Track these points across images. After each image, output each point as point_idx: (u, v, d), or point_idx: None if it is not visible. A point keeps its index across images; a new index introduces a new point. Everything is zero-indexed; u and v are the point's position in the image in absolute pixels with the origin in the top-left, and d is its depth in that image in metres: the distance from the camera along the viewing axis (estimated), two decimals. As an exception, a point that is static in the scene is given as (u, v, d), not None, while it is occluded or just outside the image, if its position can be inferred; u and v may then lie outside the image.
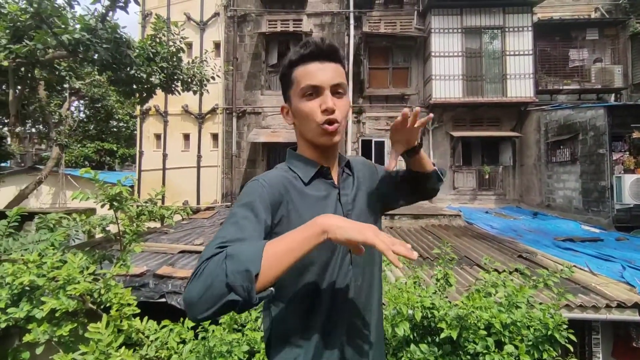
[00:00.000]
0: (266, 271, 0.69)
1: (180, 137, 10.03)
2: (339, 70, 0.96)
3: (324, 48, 0.94)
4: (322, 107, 0.92)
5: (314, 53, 0.93)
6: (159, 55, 5.42)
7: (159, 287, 4.05)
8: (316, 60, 0.94)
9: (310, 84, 0.93)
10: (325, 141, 0.96)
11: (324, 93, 0.93)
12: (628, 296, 3.59)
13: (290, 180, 0.97)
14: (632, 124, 6.96)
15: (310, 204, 0.95)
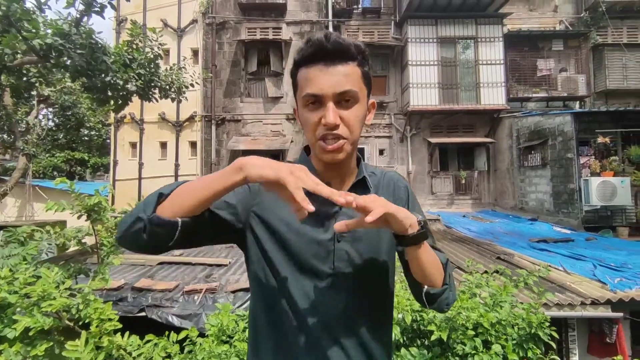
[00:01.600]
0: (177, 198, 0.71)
1: (157, 145, 9.79)
2: (349, 73, 0.79)
3: (328, 47, 0.77)
4: (322, 121, 0.78)
5: (316, 54, 0.77)
6: (136, 62, 5.30)
7: (137, 300, 3.91)
8: (320, 62, 0.77)
9: (310, 92, 0.78)
10: (326, 159, 0.83)
11: (326, 104, 0.78)
12: (601, 293, 3.75)
13: None
14: (596, 130, 7.35)
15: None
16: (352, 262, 0.84)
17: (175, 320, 3.66)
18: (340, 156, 0.82)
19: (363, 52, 0.82)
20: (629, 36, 9.97)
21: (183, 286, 4.24)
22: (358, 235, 0.86)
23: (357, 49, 0.81)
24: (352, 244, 0.85)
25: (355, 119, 0.81)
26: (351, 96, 0.79)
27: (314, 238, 0.84)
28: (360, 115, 0.82)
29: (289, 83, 5.15)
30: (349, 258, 0.84)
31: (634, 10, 9.89)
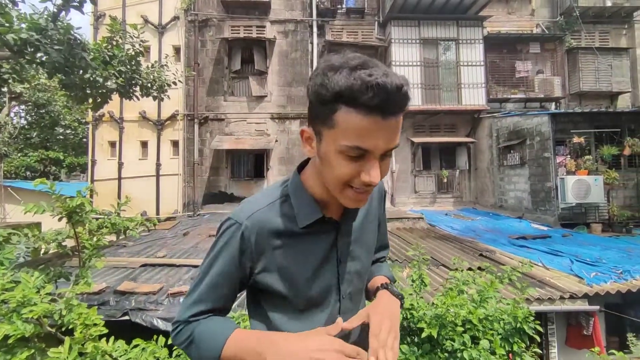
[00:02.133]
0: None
1: (138, 144, 9.55)
2: (398, 126, 0.68)
3: (397, 100, 0.64)
4: (363, 177, 0.69)
5: (380, 105, 0.63)
6: (117, 59, 5.15)
7: (120, 304, 3.81)
8: (379, 114, 0.64)
9: (360, 146, 0.66)
10: (349, 205, 0.76)
11: (371, 160, 0.68)
12: (578, 287, 3.90)
13: (282, 221, 0.80)
14: (571, 130, 7.63)
15: (299, 253, 0.81)
16: (353, 281, 0.90)
17: (161, 324, 3.58)
18: (363, 204, 0.79)
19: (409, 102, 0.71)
20: (600, 40, 10.39)
21: (168, 288, 4.15)
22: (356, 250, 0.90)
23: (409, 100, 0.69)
24: (352, 261, 0.89)
25: (386, 169, 0.74)
26: (390, 151, 0.71)
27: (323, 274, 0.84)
28: (389, 165, 0.76)
29: (274, 82, 5.23)
30: (351, 279, 0.89)
31: (605, 16, 10.31)
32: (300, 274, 0.81)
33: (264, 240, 0.79)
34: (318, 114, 0.71)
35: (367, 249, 0.93)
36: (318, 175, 0.80)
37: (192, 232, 7.43)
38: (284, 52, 9.82)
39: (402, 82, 0.65)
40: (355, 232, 0.89)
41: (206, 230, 7.60)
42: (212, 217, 8.93)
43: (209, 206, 9.50)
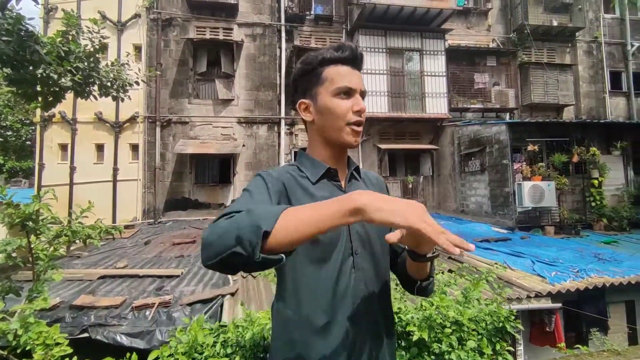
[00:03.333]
0: (280, 232, 0.67)
1: (92, 147, 8.93)
2: (361, 78, 1.01)
3: (357, 55, 0.99)
4: (354, 108, 0.96)
5: (349, 58, 0.97)
6: (73, 54, 4.77)
7: (78, 320, 3.50)
8: (349, 65, 0.98)
9: (347, 85, 0.95)
10: (350, 140, 0.98)
11: (356, 96, 0.97)
12: (542, 286, 4.12)
13: (297, 178, 0.97)
14: (526, 139, 8.14)
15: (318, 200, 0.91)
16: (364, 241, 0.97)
17: (125, 340, 3.32)
18: (359, 139, 1.00)
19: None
20: (548, 57, 11.25)
21: (131, 301, 3.87)
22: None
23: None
24: (361, 224, 0.96)
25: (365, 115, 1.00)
26: (364, 94, 1.00)
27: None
28: None
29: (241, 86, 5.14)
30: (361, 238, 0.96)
31: (552, 35, 11.19)
32: None
33: (291, 186, 0.95)
34: (311, 80, 0.99)
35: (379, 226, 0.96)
36: (320, 140, 1.02)
37: (154, 241, 7.02)
38: (251, 55, 9.66)
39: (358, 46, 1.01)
40: None
41: (169, 238, 7.22)
42: (175, 225, 8.51)
43: (171, 213, 9.05)
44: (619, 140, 8.74)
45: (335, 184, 1.00)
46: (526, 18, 10.70)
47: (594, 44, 11.58)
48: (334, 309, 0.90)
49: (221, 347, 2.12)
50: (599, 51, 11.56)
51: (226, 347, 2.13)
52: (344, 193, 0.97)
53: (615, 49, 11.73)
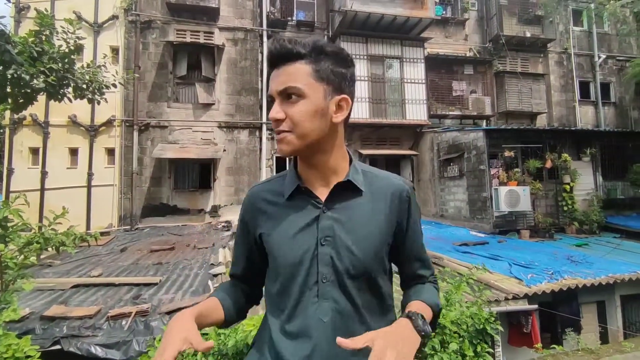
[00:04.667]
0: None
1: (66, 152, 8.60)
2: (293, 72, 0.83)
3: (274, 53, 0.86)
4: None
5: (270, 60, 0.88)
6: (47, 55, 4.61)
7: (49, 331, 3.34)
8: (274, 67, 0.87)
9: (268, 93, 0.88)
10: (278, 151, 0.89)
11: (275, 102, 0.86)
12: (519, 289, 4.23)
13: (274, 194, 0.95)
14: (503, 145, 8.40)
15: (283, 222, 0.90)
16: (335, 265, 0.85)
17: (100, 351, 3.19)
18: (285, 148, 0.86)
19: (316, 48, 0.85)
20: (522, 66, 11.68)
21: (107, 311, 3.72)
22: (344, 233, 0.87)
23: (305, 47, 0.84)
24: (336, 245, 0.86)
25: (299, 114, 0.83)
26: (293, 92, 0.83)
27: (299, 244, 0.88)
28: (306, 110, 0.83)
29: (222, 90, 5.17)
30: (333, 262, 0.85)
31: (526, 45, 11.64)
32: (282, 238, 0.89)
33: (259, 206, 0.95)
34: None
35: (363, 245, 0.87)
36: None
37: (130, 248, 6.81)
38: (233, 60, 9.60)
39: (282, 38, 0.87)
40: (346, 221, 0.88)
41: (147, 245, 7.02)
42: (153, 231, 8.29)
43: (149, 219, 8.81)
44: (588, 146, 9.15)
45: (311, 200, 0.90)
46: (501, 29, 11.10)
47: (564, 55, 12.12)
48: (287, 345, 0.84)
49: (202, 356, 2.06)
50: (569, 62, 12.10)
51: (208, 356, 2.08)
52: (321, 210, 0.89)
53: (584, 60, 12.32)
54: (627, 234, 8.27)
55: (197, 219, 9.03)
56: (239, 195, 9.39)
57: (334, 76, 0.86)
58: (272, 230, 0.91)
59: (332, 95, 0.86)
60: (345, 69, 0.89)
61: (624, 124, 12.33)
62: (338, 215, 0.88)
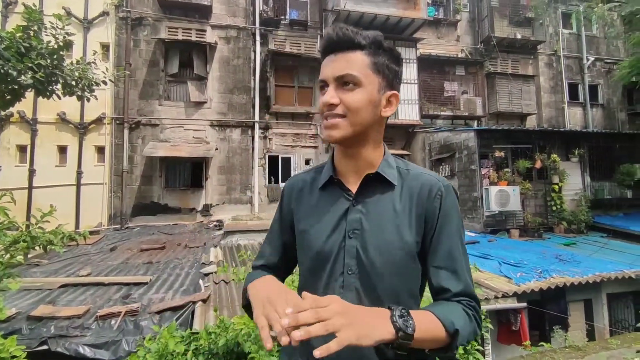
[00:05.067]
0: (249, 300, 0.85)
1: (54, 149, 8.47)
2: (352, 60, 0.85)
3: (334, 39, 0.86)
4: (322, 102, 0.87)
5: (328, 46, 0.88)
6: (35, 51, 4.53)
7: (36, 331, 3.30)
8: (331, 53, 0.88)
9: (319, 79, 0.89)
10: (325, 136, 0.89)
11: (328, 87, 0.86)
12: (509, 287, 4.28)
13: (310, 184, 1.00)
14: (493, 145, 8.49)
15: (315, 213, 0.93)
16: (361, 259, 0.85)
17: (88, 351, 3.16)
18: (335, 133, 0.86)
19: (375, 42, 0.87)
20: (512, 68, 11.82)
21: (95, 310, 3.69)
22: (371, 227, 0.86)
23: (366, 38, 0.86)
24: (363, 239, 0.86)
25: (355, 102, 0.84)
26: (351, 80, 0.84)
27: (328, 235, 0.89)
28: (361, 99, 0.85)
29: (214, 88, 5.20)
30: (358, 255, 0.85)
31: (516, 47, 11.78)
32: (313, 228, 0.92)
33: (295, 196, 1.00)
34: None
35: (388, 240, 0.85)
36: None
37: (120, 247, 6.75)
38: (225, 58, 9.54)
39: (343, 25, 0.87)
40: (374, 215, 0.87)
41: (137, 244, 6.96)
42: (144, 230, 8.21)
43: (139, 218, 8.72)
44: (576, 147, 9.29)
45: (343, 191, 0.91)
46: (492, 30, 11.21)
47: (554, 57, 12.29)
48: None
49: (193, 355, 2.05)
50: (559, 64, 12.27)
51: (198, 355, 2.07)
52: (351, 203, 0.89)
53: (573, 62, 12.51)
54: (613, 233, 8.43)
55: (188, 218, 8.96)
56: (230, 195, 9.35)
57: (389, 71, 0.89)
58: (304, 220, 0.94)
59: (385, 90, 0.89)
60: (397, 66, 0.92)
61: (611, 125, 12.55)
62: (367, 209, 0.88)
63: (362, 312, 0.69)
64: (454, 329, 0.74)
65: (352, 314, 0.66)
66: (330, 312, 0.64)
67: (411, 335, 0.68)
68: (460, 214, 0.91)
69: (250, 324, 1.93)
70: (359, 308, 0.70)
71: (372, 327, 0.66)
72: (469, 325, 0.79)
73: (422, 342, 0.71)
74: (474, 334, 0.80)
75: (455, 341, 0.74)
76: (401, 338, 0.67)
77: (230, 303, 3.88)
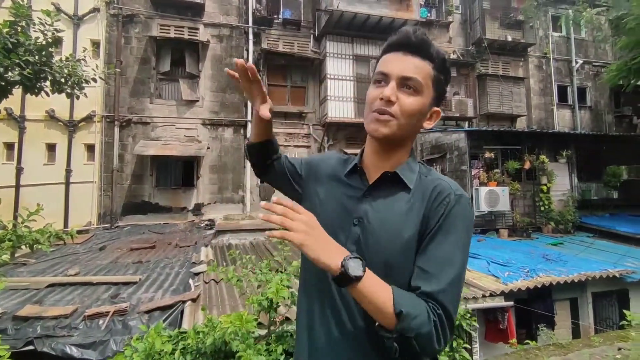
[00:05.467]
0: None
1: (43, 147, 8.35)
2: (421, 66, 0.87)
3: (412, 39, 0.88)
4: (379, 95, 0.87)
5: (400, 42, 0.89)
6: (23, 47, 4.47)
7: (22, 331, 3.26)
8: (400, 51, 0.89)
9: (380, 70, 0.90)
10: (371, 129, 0.91)
11: (389, 83, 0.87)
12: (496, 286, 4.34)
13: (339, 167, 1.03)
14: (484, 146, 8.60)
15: (335, 194, 0.98)
16: (361, 246, 0.88)
17: (75, 351, 3.13)
18: (384, 130, 0.88)
19: (442, 60, 0.91)
20: (503, 70, 11.96)
21: (83, 310, 3.66)
22: (375, 220, 0.89)
23: (437, 54, 0.90)
24: (364, 228, 0.89)
25: (411, 106, 0.87)
26: (414, 85, 0.87)
27: (339, 217, 0.93)
28: (417, 106, 0.88)
29: (206, 87, 5.21)
30: (359, 243, 0.88)
31: (507, 49, 11.92)
32: (327, 209, 0.96)
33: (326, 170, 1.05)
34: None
35: (390, 236, 0.86)
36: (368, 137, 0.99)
37: (110, 246, 6.69)
38: (218, 56, 9.50)
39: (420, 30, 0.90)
40: (382, 210, 0.90)
41: (127, 243, 6.91)
42: (134, 229, 8.15)
43: (129, 217, 8.65)
44: (564, 149, 9.45)
45: (362, 183, 0.96)
46: (484, 32, 11.32)
47: (544, 59, 12.47)
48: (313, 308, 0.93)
49: (180, 354, 2.05)
50: (548, 66, 12.45)
51: (186, 355, 2.07)
52: (363, 193, 0.93)
53: (562, 65, 12.70)
54: (600, 233, 8.59)
55: (179, 217, 8.91)
56: (222, 194, 9.31)
57: (441, 90, 0.94)
58: (322, 197, 1.00)
59: (432, 104, 0.93)
60: (447, 87, 0.97)
61: (598, 127, 12.77)
62: (376, 202, 0.91)
63: (326, 237, 0.79)
64: (399, 309, 0.73)
65: (317, 231, 0.78)
66: (298, 218, 0.77)
67: (351, 276, 0.73)
68: (469, 229, 0.88)
69: (237, 322, 1.94)
70: (326, 235, 0.79)
71: (324, 250, 0.76)
72: (424, 322, 0.74)
73: (364, 298, 0.76)
74: (429, 337, 0.74)
75: (399, 324, 0.73)
76: (341, 274, 0.73)
77: (220, 302, 3.88)
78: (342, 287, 0.79)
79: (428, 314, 0.75)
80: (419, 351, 0.75)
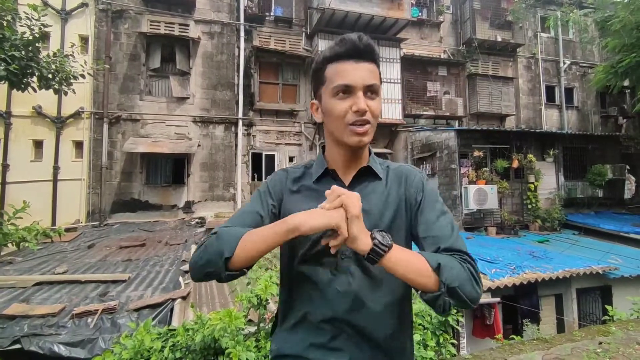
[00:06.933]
0: (240, 254, 0.84)
1: (30, 144, 8.22)
2: (373, 70, 0.94)
3: (360, 47, 0.92)
4: (353, 108, 0.90)
5: (349, 51, 0.92)
6: (8, 42, 4.40)
7: (9, 330, 3.23)
8: (351, 59, 0.92)
9: (343, 83, 0.91)
10: (354, 142, 0.93)
11: (357, 94, 0.91)
12: (483, 283, 4.42)
13: (302, 176, 1.04)
14: (473, 145, 8.70)
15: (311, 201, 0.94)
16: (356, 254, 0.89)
17: (63, 350, 3.11)
18: (366, 139, 0.94)
19: (379, 56, 0.99)
20: (493, 69, 12.11)
21: (71, 308, 3.63)
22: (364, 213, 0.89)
23: (376, 52, 0.97)
24: None
25: (378, 109, 0.94)
26: (375, 90, 0.94)
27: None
28: (380, 106, 0.96)
29: (197, 84, 5.20)
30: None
31: (497, 49, 12.07)
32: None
33: (288, 185, 1.03)
34: (317, 83, 0.99)
35: (378, 223, 0.93)
36: (331, 139, 1.01)
37: (98, 244, 6.62)
38: (209, 53, 9.43)
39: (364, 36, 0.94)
40: (365, 202, 0.91)
41: (116, 241, 6.85)
42: (123, 227, 8.07)
43: (119, 215, 8.57)
44: (552, 148, 9.62)
45: (337, 182, 0.98)
46: (474, 32, 11.44)
47: (532, 59, 12.65)
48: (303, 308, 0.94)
49: (170, 351, 2.06)
50: (537, 66, 12.64)
51: (175, 352, 2.08)
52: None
53: (550, 65, 12.90)
54: (585, 230, 8.79)
55: (169, 215, 8.86)
56: (213, 192, 9.28)
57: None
58: (297, 208, 0.93)
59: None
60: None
61: (585, 127, 13.02)
62: (360, 194, 0.91)
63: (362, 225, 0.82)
64: (437, 263, 0.80)
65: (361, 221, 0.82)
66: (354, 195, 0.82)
67: (385, 245, 0.79)
68: (439, 194, 1.03)
69: (226, 319, 1.96)
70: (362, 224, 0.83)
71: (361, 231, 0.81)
72: (460, 269, 0.82)
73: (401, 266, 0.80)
74: (469, 282, 0.81)
75: (442, 275, 0.78)
76: (375, 246, 0.79)
77: (210, 300, 3.89)
78: (375, 264, 0.81)
79: (459, 263, 0.84)
80: (466, 299, 0.80)
